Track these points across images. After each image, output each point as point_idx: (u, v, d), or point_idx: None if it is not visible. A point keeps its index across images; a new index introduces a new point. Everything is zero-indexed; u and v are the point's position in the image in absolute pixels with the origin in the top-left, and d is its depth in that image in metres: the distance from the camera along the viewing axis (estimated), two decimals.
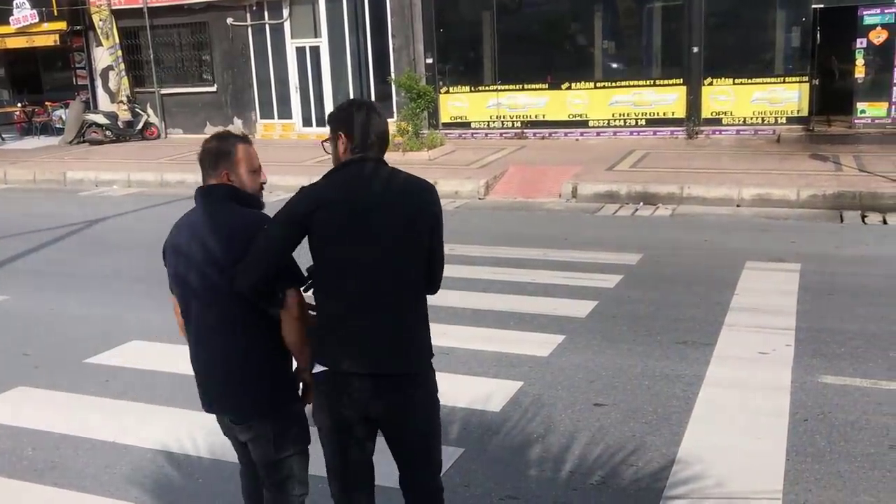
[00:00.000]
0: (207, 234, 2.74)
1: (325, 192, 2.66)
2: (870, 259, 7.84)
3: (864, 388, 4.89)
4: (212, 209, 2.80)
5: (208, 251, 2.73)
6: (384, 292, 2.66)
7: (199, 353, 2.85)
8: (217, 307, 2.76)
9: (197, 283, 2.77)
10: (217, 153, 2.84)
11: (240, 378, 2.80)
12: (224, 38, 18.91)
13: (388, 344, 2.68)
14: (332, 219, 2.62)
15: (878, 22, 13.84)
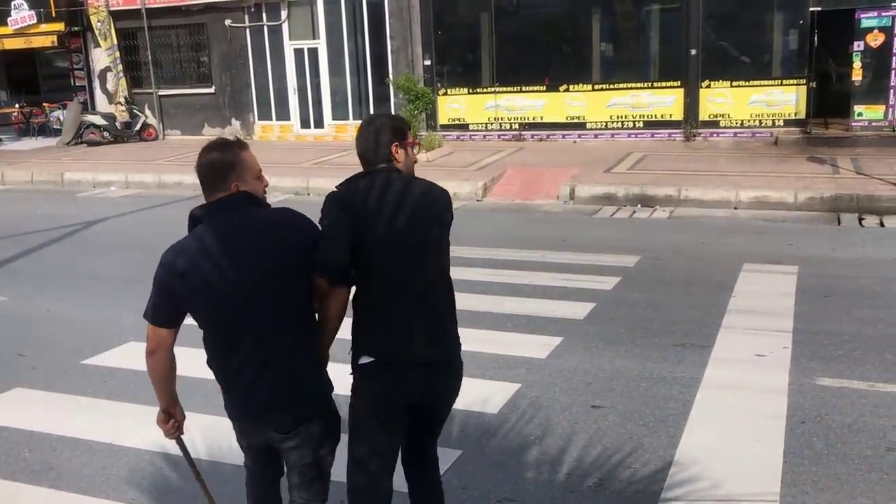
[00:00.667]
0: (276, 233, 2.72)
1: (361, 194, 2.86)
2: (867, 261, 7.85)
3: (861, 391, 4.90)
4: (248, 217, 2.72)
5: (274, 247, 2.69)
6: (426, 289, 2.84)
7: (262, 367, 2.74)
8: (285, 306, 2.72)
9: (262, 287, 2.67)
10: (223, 166, 2.73)
11: (307, 376, 2.82)
12: (222, 39, 18.91)
13: (430, 333, 2.85)
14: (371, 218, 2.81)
15: (876, 25, 13.87)
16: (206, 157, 2.76)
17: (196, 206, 2.77)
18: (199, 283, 2.66)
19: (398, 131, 2.94)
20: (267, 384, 2.75)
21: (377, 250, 2.77)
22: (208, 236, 2.68)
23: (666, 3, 15.92)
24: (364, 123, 3.00)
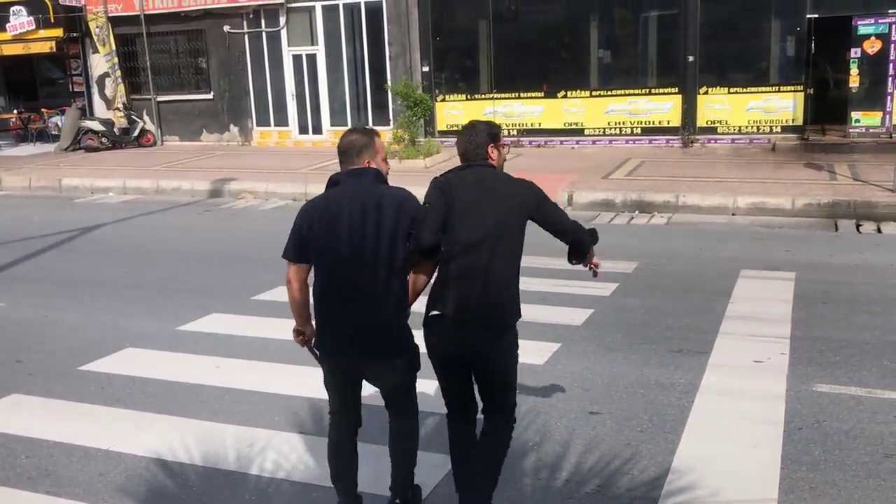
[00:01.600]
0: (386, 207, 3.33)
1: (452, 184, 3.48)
2: (864, 268, 7.86)
3: (859, 397, 4.90)
4: (375, 188, 3.40)
5: (387, 217, 3.31)
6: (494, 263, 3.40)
7: (359, 305, 3.30)
8: (384, 265, 3.30)
9: (369, 247, 3.29)
10: (362, 144, 3.45)
11: (396, 320, 3.39)
12: (221, 45, 18.93)
13: (490, 300, 3.38)
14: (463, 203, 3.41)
15: (873, 32, 13.92)
16: (349, 138, 3.50)
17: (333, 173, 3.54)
18: (321, 232, 3.36)
19: (493, 135, 3.60)
20: (362, 323, 3.32)
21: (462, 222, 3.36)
22: (334, 197, 3.40)
23: (664, 9, 15.96)
24: (466, 128, 3.64)
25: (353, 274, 3.31)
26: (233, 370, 5.68)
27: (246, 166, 15.61)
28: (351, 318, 3.33)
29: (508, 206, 3.46)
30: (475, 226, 3.37)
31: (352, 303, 3.32)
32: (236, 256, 9.29)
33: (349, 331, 3.35)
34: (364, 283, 3.30)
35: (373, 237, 3.30)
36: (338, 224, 3.33)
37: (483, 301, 3.36)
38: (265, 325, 6.63)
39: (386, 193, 3.39)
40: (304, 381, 5.39)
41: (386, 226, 3.31)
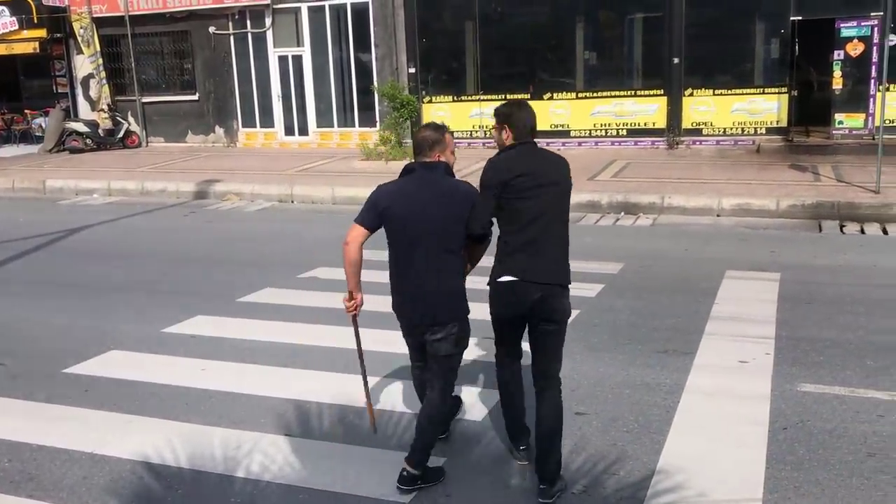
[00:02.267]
0: (451, 197, 3.87)
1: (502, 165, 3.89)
2: (848, 268, 7.92)
3: (842, 397, 4.93)
4: (443, 180, 3.91)
5: (454, 208, 3.84)
6: (554, 235, 3.89)
7: (425, 280, 3.90)
8: (447, 246, 3.87)
9: (437, 230, 3.84)
10: (434, 140, 3.93)
11: (454, 291, 3.96)
12: (206, 46, 18.86)
13: (553, 266, 3.88)
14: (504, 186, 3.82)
15: (855, 34, 14.03)
16: (423, 133, 3.99)
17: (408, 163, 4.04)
18: (394, 213, 3.86)
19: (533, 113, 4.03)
20: (426, 293, 3.90)
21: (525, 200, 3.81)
22: (410, 184, 3.90)
23: (648, 11, 16.03)
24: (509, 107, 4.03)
25: (423, 249, 3.87)
26: (219, 372, 5.66)
27: (231, 168, 15.56)
28: (415, 286, 3.93)
29: (560, 181, 3.94)
30: (535, 203, 3.83)
31: (417, 273, 3.91)
32: (222, 258, 9.26)
33: (413, 297, 3.95)
34: (431, 257, 3.87)
35: (441, 220, 3.84)
36: (413, 206, 3.84)
37: (544, 268, 3.85)
38: (251, 327, 6.61)
39: (453, 184, 3.93)
40: (290, 384, 5.38)
41: (452, 211, 3.85)
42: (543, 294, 3.85)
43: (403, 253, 3.92)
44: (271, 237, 10.46)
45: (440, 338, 3.93)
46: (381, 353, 5.47)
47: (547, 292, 3.85)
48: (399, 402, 4.97)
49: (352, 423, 4.77)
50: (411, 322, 4.04)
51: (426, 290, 3.91)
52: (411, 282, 3.94)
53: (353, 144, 17.07)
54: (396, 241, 3.93)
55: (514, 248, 3.87)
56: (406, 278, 3.95)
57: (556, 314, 3.91)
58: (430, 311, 3.93)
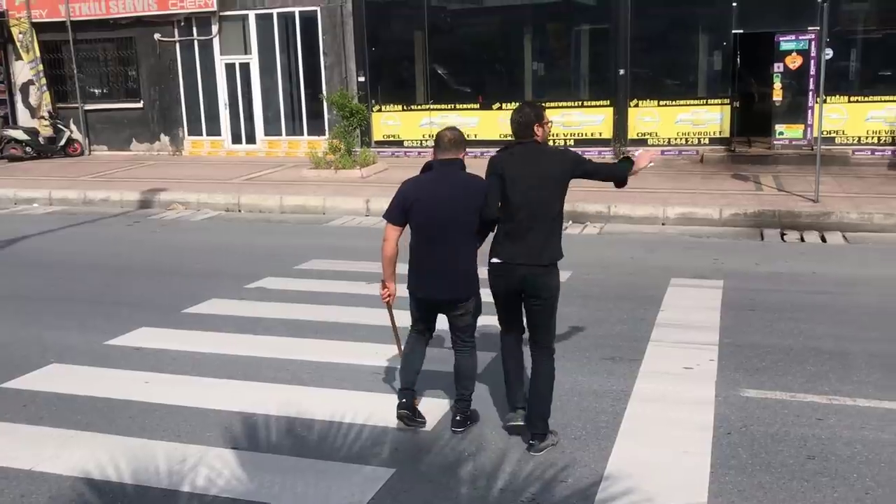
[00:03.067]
0: (468, 190, 4.47)
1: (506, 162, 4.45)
2: (788, 276, 8.12)
3: (784, 401, 5.05)
4: (461, 175, 4.55)
5: (471, 200, 4.43)
6: (544, 222, 4.41)
7: (448, 261, 4.49)
8: (466, 233, 4.48)
9: (457, 218, 4.44)
10: (457, 140, 4.59)
11: (469, 271, 4.54)
12: (151, 53, 18.57)
13: (543, 247, 4.40)
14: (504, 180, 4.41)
15: (794, 48, 14.43)
16: (447, 135, 4.59)
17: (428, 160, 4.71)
18: (419, 205, 4.46)
19: (538, 115, 4.50)
20: (446, 274, 4.51)
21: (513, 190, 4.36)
22: (432, 178, 4.55)
23: (595, 24, 16.28)
24: (516, 110, 4.58)
25: (443, 234, 4.47)
26: (163, 385, 5.55)
27: (177, 176, 15.32)
28: (438, 266, 4.50)
29: (549, 173, 4.42)
30: (521, 194, 4.36)
31: (439, 255, 4.49)
32: (167, 269, 9.10)
33: (435, 275, 4.51)
34: (450, 240, 4.47)
35: (459, 209, 4.44)
36: (436, 198, 4.46)
37: (529, 250, 4.38)
38: (197, 338, 6.50)
39: (468, 178, 4.54)
40: (236, 396, 5.31)
41: (468, 202, 4.44)
42: (527, 273, 4.39)
43: (427, 238, 4.51)
44: (218, 247, 10.32)
45: (461, 314, 4.61)
46: (330, 364, 5.42)
47: (529, 271, 4.39)
48: (348, 414, 4.93)
49: (299, 435, 4.72)
50: (433, 298, 4.61)
51: (448, 269, 4.51)
52: (435, 262, 4.51)
53: (302, 153, 16.95)
54: (421, 228, 4.52)
55: (504, 234, 4.46)
56: (429, 259, 4.52)
57: (542, 290, 4.42)
58: (452, 288, 4.55)
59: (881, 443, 4.46)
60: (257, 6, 17.62)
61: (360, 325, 6.72)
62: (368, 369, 5.72)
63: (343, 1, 16.95)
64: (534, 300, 4.45)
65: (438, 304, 4.64)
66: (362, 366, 5.78)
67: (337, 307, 7.28)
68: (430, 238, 4.51)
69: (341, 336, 6.50)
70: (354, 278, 8.26)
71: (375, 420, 4.85)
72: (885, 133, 14.43)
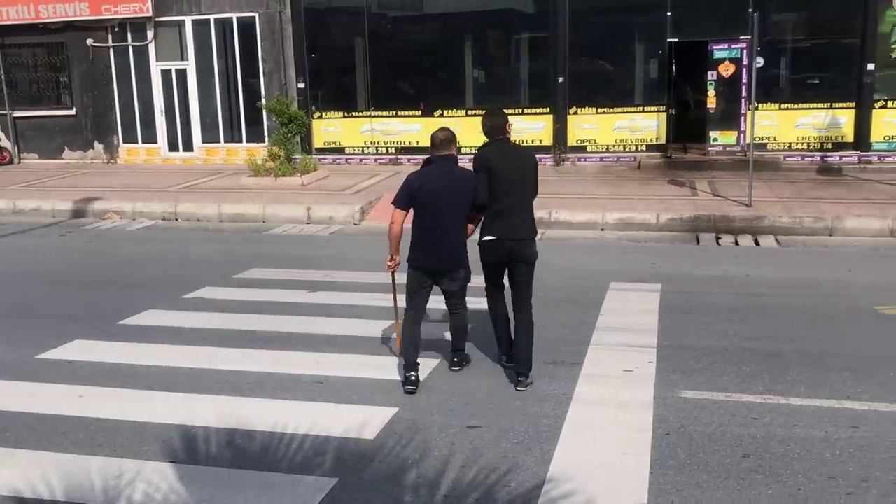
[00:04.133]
0: (461, 180, 5.35)
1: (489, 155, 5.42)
2: (724, 278, 8.32)
3: (720, 402, 5.17)
4: (455, 168, 5.39)
5: (463, 188, 5.34)
6: (523, 204, 5.44)
7: (444, 238, 5.36)
8: (459, 215, 5.37)
9: (452, 203, 5.31)
10: (449, 139, 5.40)
11: (461, 246, 5.44)
12: (84, 59, 18.12)
13: (524, 225, 5.44)
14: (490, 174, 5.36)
15: (727, 56, 14.83)
16: (441, 134, 5.41)
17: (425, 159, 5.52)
18: (423, 193, 5.30)
19: (506, 119, 5.52)
20: (442, 248, 5.38)
21: (498, 186, 5.33)
22: (433, 171, 5.36)
23: (534, 32, 16.46)
24: (488, 114, 5.56)
25: (442, 216, 5.32)
26: (98, 399, 5.41)
27: (111, 185, 14.96)
28: (436, 244, 5.36)
29: (525, 167, 5.49)
30: (507, 184, 5.34)
31: (438, 234, 5.36)
32: (102, 280, 8.87)
33: (434, 251, 5.37)
34: (447, 221, 5.34)
35: (455, 196, 5.33)
36: (438, 186, 5.29)
37: (518, 225, 5.39)
38: (133, 350, 6.36)
39: (461, 171, 5.40)
40: (175, 409, 5.20)
41: (463, 189, 5.33)
42: (514, 245, 5.40)
43: (430, 218, 5.35)
44: (154, 257, 10.12)
45: (454, 281, 5.51)
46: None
47: (516, 244, 5.41)
48: (289, 424, 4.88)
49: (240, 447, 4.64)
50: (430, 267, 5.43)
51: (445, 244, 5.38)
52: (435, 237, 5.37)
53: (241, 160, 16.73)
54: (425, 210, 5.35)
55: (494, 216, 5.39)
56: (430, 235, 5.36)
57: (528, 258, 5.48)
58: (449, 257, 5.43)
59: (813, 440, 4.59)
60: (194, 12, 17.35)
61: (301, 334, 6.66)
62: (310, 378, 5.67)
63: (282, 7, 16.82)
64: (521, 265, 5.46)
65: (436, 272, 5.44)
66: (303, 375, 5.73)
67: (277, 316, 7.20)
68: (431, 219, 5.35)
69: (281, 346, 6.43)
70: (295, 287, 8.18)
71: (317, 430, 4.81)
72: (815, 139, 14.92)
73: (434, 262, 5.41)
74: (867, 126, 14.59)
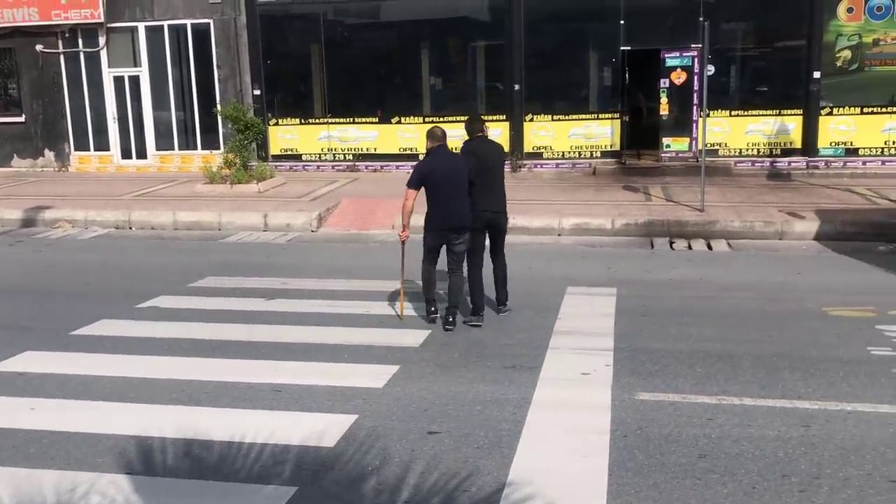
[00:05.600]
0: (460, 164, 6.85)
1: (473, 147, 7.09)
2: (677, 282, 8.46)
3: (676, 403, 5.25)
4: (453, 153, 7.04)
5: (462, 168, 6.80)
6: (496, 185, 7.05)
7: (453, 205, 6.73)
8: (462, 188, 6.77)
9: (456, 180, 6.74)
10: (445, 134, 6.97)
11: (466, 212, 6.79)
12: (33, 65, 17.76)
13: (498, 201, 7.07)
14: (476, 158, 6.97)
15: (679, 64, 15.10)
16: (439, 131, 6.96)
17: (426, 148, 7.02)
18: (436, 173, 6.73)
19: (483, 122, 7.32)
20: (453, 213, 6.75)
21: (480, 168, 6.90)
22: (438, 158, 6.81)
23: (490, 40, 16.57)
24: (471, 119, 7.35)
25: (450, 190, 6.75)
26: (51, 411, 5.30)
27: (63, 193, 14.67)
28: (448, 213, 6.79)
29: (498, 156, 7.30)
30: (487, 168, 6.99)
31: (450, 206, 6.77)
32: (53, 290, 8.69)
33: (447, 219, 6.79)
34: (455, 197, 6.77)
35: (457, 174, 6.79)
36: (444, 169, 6.79)
37: (494, 201, 7.07)
38: (86, 361, 6.24)
39: (458, 157, 7.05)
40: (130, 419, 5.12)
41: (461, 170, 6.82)
42: (493, 216, 7.07)
43: (441, 193, 6.76)
44: (107, 266, 9.94)
45: (460, 242, 6.87)
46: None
47: (494, 215, 7.09)
48: (247, 433, 4.83)
49: (198, 457, 4.59)
50: (442, 230, 6.81)
51: (455, 210, 6.77)
52: (446, 207, 6.76)
53: (196, 168, 16.54)
54: (437, 187, 6.76)
55: (478, 191, 6.89)
56: (442, 205, 6.76)
57: (502, 225, 7.27)
58: (459, 220, 6.79)
59: (766, 439, 4.69)
60: (147, 18, 17.13)
61: (259, 342, 6.61)
62: (268, 387, 5.63)
63: (237, 13, 16.69)
64: (496, 230, 7.20)
65: (448, 232, 6.81)
66: (261, 384, 5.68)
67: (234, 325, 7.13)
68: (442, 193, 6.75)
69: (239, 354, 6.37)
70: (252, 295, 8.11)
71: (276, 438, 4.77)
72: (764, 145, 15.25)
73: (447, 224, 6.80)
74: (814, 132, 14.98)
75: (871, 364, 5.92)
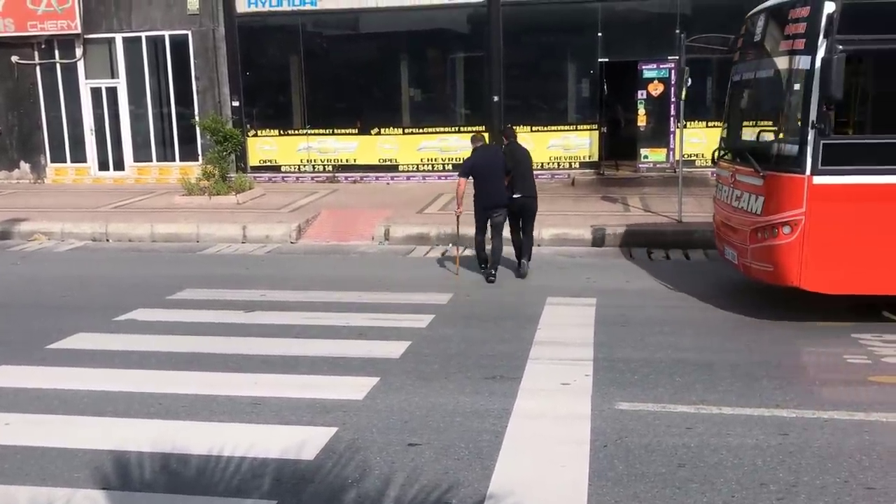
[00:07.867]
0: (499, 156, 9.22)
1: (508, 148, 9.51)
2: (656, 292, 8.50)
3: (656, 412, 5.27)
4: (492, 149, 9.73)
5: (501, 160, 9.10)
6: (527, 176, 9.28)
7: (495, 188, 8.91)
8: (501, 176, 8.98)
9: (496, 169, 8.94)
10: (483, 135, 10.33)
11: (504, 193, 9.02)
12: (8, 76, 17.62)
13: (529, 187, 9.24)
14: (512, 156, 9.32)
15: (656, 76, 15.24)
16: (477, 135, 9.60)
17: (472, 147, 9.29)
18: (481, 165, 8.95)
19: (513, 131, 10.06)
20: (495, 194, 8.94)
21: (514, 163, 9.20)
22: (482, 153, 9.10)
23: (470, 51, 16.65)
24: (507, 129, 10.17)
25: (492, 178, 8.83)
26: (25, 426, 5.22)
27: (39, 206, 14.52)
28: (491, 195, 8.86)
29: (527, 155, 9.37)
30: (519, 162, 9.16)
31: (492, 189, 8.83)
32: (28, 303, 8.59)
33: (491, 199, 8.87)
34: (496, 182, 8.87)
35: (497, 164, 8.93)
36: (487, 162, 8.88)
37: (527, 187, 9.12)
38: (62, 375, 6.16)
39: (498, 151, 9.39)
40: (106, 434, 5.06)
41: (501, 161, 8.96)
42: (525, 200, 9.11)
43: (484, 179, 8.85)
44: (84, 279, 9.84)
45: (498, 215, 8.95)
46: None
47: (527, 200, 9.13)
48: (226, 447, 4.79)
49: (175, 472, 4.54)
50: (487, 206, 8.90)
51: (494, 191, 8.86)
52: (490, 189, 8.84)
53: (174, 179, 16.46)
54: (483, 175, 8.86)
55: (514, 181, 9.03)
56: (487, 189, 8.85)
57: (533, 209, 9.28)
58: (499, 199, 8.90)
59: (745, 447, 4.72)
60: (124, 29, 17.06)
61: (238, 355, 6.56)
62: (247, 400, 5.59)
63: (215, 25, 16.66)
64: (528, 213, 9.22)
65: (492, 208, 8.86)
66: (240, 397, 5.64)
67: (213, 338, 7.08)
68: (485, 179, 8.84)
69: (217, 367, 6.32)
70: (230, 307, 8.06)
71: (255, 452, 4.73)
72: None
73: (489, 202, 8.86)
74: None
75: (847, 372, 5.98)
